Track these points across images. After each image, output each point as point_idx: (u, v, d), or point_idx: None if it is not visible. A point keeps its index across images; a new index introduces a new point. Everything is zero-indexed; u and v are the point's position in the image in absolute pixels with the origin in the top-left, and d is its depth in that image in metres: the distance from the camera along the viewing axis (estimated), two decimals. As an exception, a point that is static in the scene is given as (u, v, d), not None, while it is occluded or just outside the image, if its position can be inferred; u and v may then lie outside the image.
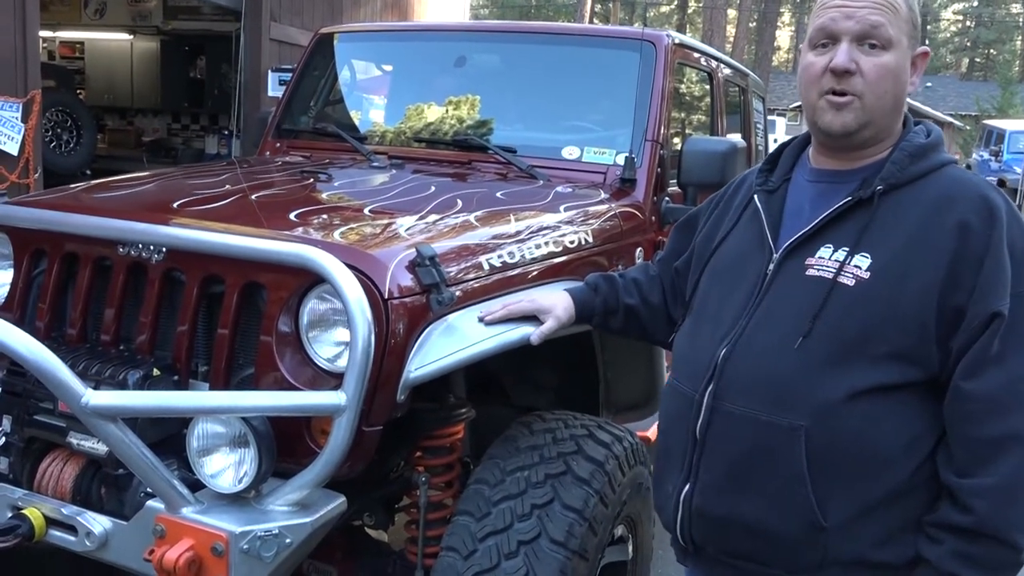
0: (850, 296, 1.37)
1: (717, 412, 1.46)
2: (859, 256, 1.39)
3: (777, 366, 1.40)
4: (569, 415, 2.21)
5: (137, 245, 1.98)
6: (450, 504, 2.20)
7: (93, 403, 1.59)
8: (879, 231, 1.39)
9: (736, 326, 1.48)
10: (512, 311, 1.97)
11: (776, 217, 1.53)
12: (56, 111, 8.26)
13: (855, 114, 1.42)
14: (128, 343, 2.02)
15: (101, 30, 9.83)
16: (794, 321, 1.40)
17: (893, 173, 1.42)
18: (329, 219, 2.18)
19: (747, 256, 1.54)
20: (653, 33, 3.12)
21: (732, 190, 1.73)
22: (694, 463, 1.49)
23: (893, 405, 1.35)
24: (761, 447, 1.40)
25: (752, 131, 4.57)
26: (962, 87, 36.07)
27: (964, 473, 1.33)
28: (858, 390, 1.35)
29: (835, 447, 1.36)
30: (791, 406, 1.38)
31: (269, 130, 3.48)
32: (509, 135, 3.11)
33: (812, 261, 1.43)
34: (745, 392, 1.43)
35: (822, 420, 1.36)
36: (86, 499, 1.91)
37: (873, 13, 1.40)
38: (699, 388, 1.49)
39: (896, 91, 1.44)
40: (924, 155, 1.45)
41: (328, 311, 1.85)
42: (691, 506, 1.50)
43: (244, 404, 1.73)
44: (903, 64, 1.43)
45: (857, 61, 1.40)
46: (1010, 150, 17.97)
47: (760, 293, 1.48)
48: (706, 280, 1.63)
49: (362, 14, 9.75)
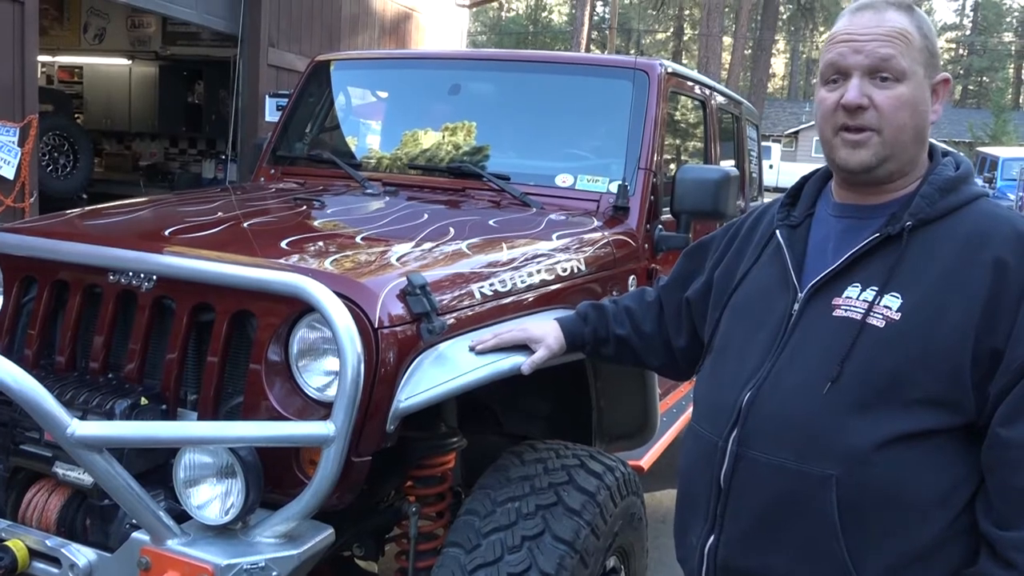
0: (880, 338, 1.31)
1: (742, 459, 1.39)
2: (889, 296, 1.32)
3: (805, 412, 1.34)
4: (561, 444, 2.20)
5: (127, 273, 1.97)
6: (441, 535, 2.18)
7: (78, 434, 1.57)
8: (910, 269, 1.33)
9: (761, 369, 1.41)
10: (503, 340, 1.95)
11: (800, 254, 1.47)
12: (53, 135, 8.29)
13: (873, 149, 1.37)
14: (117, 371, 2.01)
15: (100, 55, 9.89)
16: (822, 364, 1.34)
17: (923, 208, 1.36)
18: (320, 247, 2.17)
19: (770, 295, 1.48)
20: (646, 62, 3.14)
21: (752, 222, 1.65)
22: (718, 513, 1.42)
23: (928, 452, 1.29)
24: (790, 497, 1.34)
25: (746, 158, 4.59)
26: (956, 114, 36.35)
27: (1004, 524, 1.26)
28: (891, 437, 1.28)
29: (868, 497, 1.29)
30: (821, 454, 1.31)
31: (264, 156, 3.49)
32: (503, 163, 3.12)
33: (839, 301, 1.37)
34: (772, 439, 1.36)
35: (853, 469, 1.29)
36: (71, 530, 1.89)
37: (883, 46, 1.35)
38: (723, 433, 1.42)
39: (916, 122, 1.38)
40: (955, 188, 1.38)
41: (318, 340, 1.84)
42: (716, 559, 1.43)
43: (231, 435, 1.72)
44: (920, 94, 1.38)
45: (870, 95, 1.36)
46: (1004, 177, 18.06)
47: (785, 335, 1.41)
48: (727, 319, 1.56)
49: (360, 41, 9.82)
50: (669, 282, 1.89)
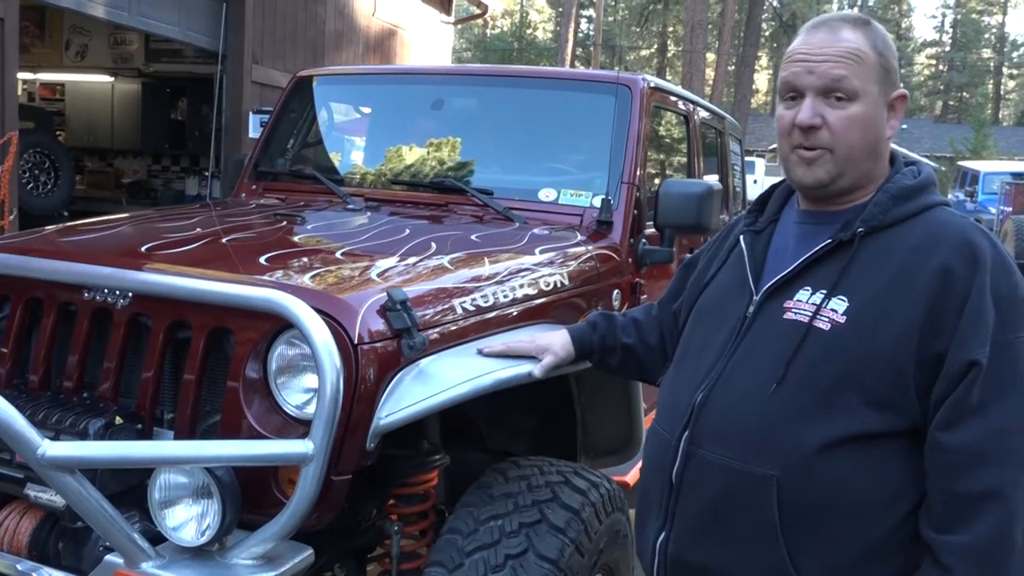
0: (824, 341, 1.33)
1: (692, 458, 1.43)
2: (836, 299, 1.35)
3: (751, 413, 1.37)
4: (545, 461, 2.17)
5: (102, 290, 1.94)
6: (424, 553, 2.14)
7: (49, 454, 1.54)
8: (858, 274, 1.36)
9: (714, 370, 1.45)
10: (512, 348, 1.99)
11: (760, 259, 1.51)
12: (34, 152, 8.23)
13: (826, 168, 1.40)
14: (92, 390, 1.97)
15: (82, 72, 9.85)
16: (769, 366, 1.37)
17: (875, 215, 1.39)
18: (300, 262, 2.14)
19: (729, 298, 1.51)
20: (628, 76, 3.14)
21: (727, 231, 1.70)
22: (670, 509, 1.46)
23: (872, 456, 1.31)
24: (733, 495, 1.37)
25: (729, 172, 4.60)
26: (936, 129, 36.73)
27: (941, 528, 1.27)
28: (834, 440, 1.30)
29: (809, 499, 1.31)
30: (764, 455, 1.34)
31: (245, 172, 3.46)
32: (486, 177, 3.10)
33: (790, 304, 1.40)
34: (719, 438, 1.40)
35: (795, 470, 1.32)
36: (43, 554, 1.84)
37: (835, 67, 1.38)
38: (676, 432, 1.46)
39: (867, 139, 1.41)
40: (910, 197, 1.41)
41: (297, 356, 1.81)
42: (666, 553, 1.47)
43: (207, 454, 1.68)
44: (873, 113, 1.41)
45: (823, 114, 1.39)
46: (984, 191, 18.24)
47: (739, 337, 1.45)
48: (691, 322, 1.61)
49: (344, 58, 9.83)
50: (665, 296, 1.92)
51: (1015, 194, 15.31)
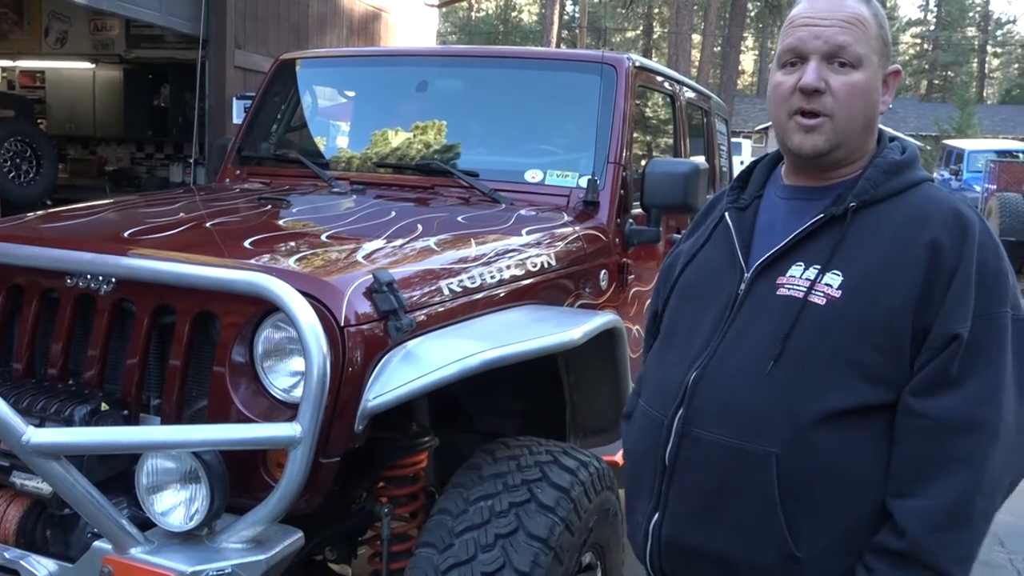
0: (821, 316, 1.33)
1: (687, 438, 1.40)
2: (830, 274, 1.34)
3: (748, 391, 1.36)
4: (534, 441, 2.17)
5: (85, 276, 1.92)
6: (414, 535, 2.14)
7: (34, 441, 1.53)
8: (851, 249, 1.35)
9: (707, 349, 1.43)
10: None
11: (747, 235, 1.49)
12: (15, 141, 8.13)
13: (825, 135, 1.39)
14: (77, 377, 1.96)
15: (62, 59, 9.72)
16: (765, 343, 1.36)
17: (867, 190, 1.39)
18: (285, 246, 2.13)
19: (718, 275, 1.49)
20: (614, 56, 3.13)
21: (706, 209, 1.68)
22: (663, 491, 1.44)
23: (869, 429, 1.31)
24: (731, 475, 1.35)
25: (716, 153, 4.60)
26: (922, 108, 36.81)
27: (902, 493, 1.28)
28: (831, 414, 1.30)
29: (808, 474, 1.31)
30: (762, 432, 1.33)
31: (228, 157, 3.43)
32: (472, 159, 3.09)
33: (783, 280, 1.39)
34: (715, 418, 1.38)
35: (794, 446, 1.31)
36: (30, 541, 1.83)
37: (841, 32, 1.37)
38: (668, 413, 1.44)
39: (867, 111, 1.40)
40: (899, 172, 1.41)
41: (283, 340, 1.80)
42: (660, 536, 1.45)
43: (194, 438, 1.67)
44: (874, 83, 1.40)
45: (827, 79, 1.37)
46: (969, 169, 18.30)
47: (731, 314, 1.43)
48: (675, 300, 1.58)
49: (328, 41, 9.73)
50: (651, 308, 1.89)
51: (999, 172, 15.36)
